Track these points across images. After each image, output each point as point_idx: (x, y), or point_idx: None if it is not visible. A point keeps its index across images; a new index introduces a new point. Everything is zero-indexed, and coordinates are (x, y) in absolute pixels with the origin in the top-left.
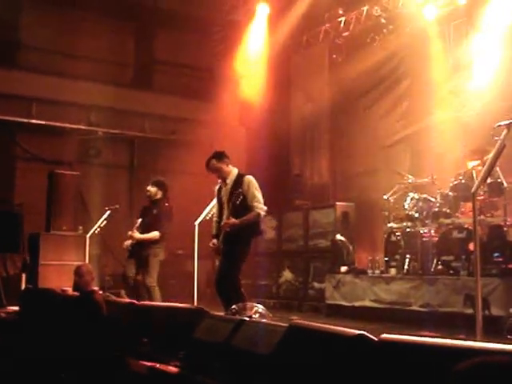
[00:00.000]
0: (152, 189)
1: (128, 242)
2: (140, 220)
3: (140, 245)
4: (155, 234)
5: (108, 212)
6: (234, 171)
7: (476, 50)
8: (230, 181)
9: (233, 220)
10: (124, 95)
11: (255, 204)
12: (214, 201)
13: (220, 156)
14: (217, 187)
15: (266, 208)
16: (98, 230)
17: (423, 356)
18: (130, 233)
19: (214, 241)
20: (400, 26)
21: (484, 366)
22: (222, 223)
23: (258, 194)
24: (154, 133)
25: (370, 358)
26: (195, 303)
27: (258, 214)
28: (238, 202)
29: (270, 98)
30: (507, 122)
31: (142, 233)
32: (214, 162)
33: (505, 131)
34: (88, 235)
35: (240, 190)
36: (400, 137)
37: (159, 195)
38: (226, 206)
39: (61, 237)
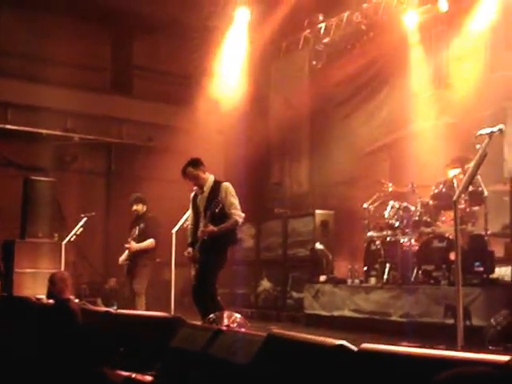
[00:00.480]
0: (138, 207)
1: (124, 257)
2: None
3: (133, 255)
4: (151, 242)
5: (84, 219)
6: (210, 178)
7: (456, 58)
8: (206, 188)
9: (211, 227)
10: (101, 101)
11: (233, 211)
12: (189, 209)
13: (196, 163)
14: (192, 194)
15: (243, 215)
16: (74, 237)
17: (403, 366)
18: (126, 245)
19: (190, 249)
20: (380, 33)
21: (463, 376)
22: (200, 231)
23: (236, 201)
24: (132, 139)
25: (350, 368)
26: (172, 312)
27: (236, 222)
28: (214, 210)
29: (248, 105)
30: (488, 130)
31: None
32: (190, 169)
33: (486, 140)
34: (64, 242)
35: (218, 198)
36: (380, 145)
37: (144, 209)
38: (203, 213)
39: (36, 244)
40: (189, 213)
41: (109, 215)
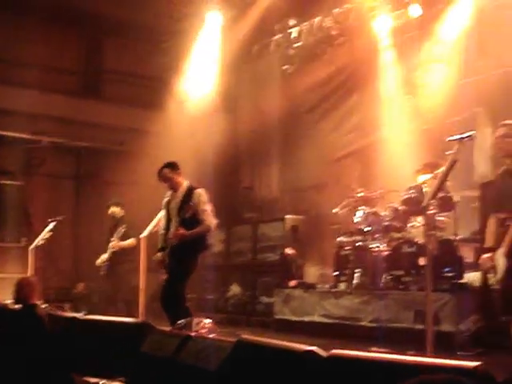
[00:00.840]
0: (116, 209)
1: (101, 259)
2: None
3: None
4: (132, 241)
5: (52, 224)
6: (185, 183)
7: (428, 63)
8: (180, 193)
9: (182, 231)
10: (71, 104)
11: (205, 218)
12: (161, 213)
13: (173, 166)
14: (166, 199)
15: (216, 222)
16: (42, 241)
17: (372, 372)
18: (111, 244)
19: (159, 254)
20: (351, 38)
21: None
22: (170, 234)
23: (208, 208)
24: (102, 143)
25: (320, 374)
26: (142, 318)
27: (208, 228)
28: (186, 216)
29: (220, 109)
30: (458, 136)
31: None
32: (166, 171)
33: (456, 146)
34: (31, 247)
35: (190, 204)
36: (350, 150)
37: (121, 213)
38: (175, 218)
39: (3, 248)
40: (158, 218)
41: (78, 219)
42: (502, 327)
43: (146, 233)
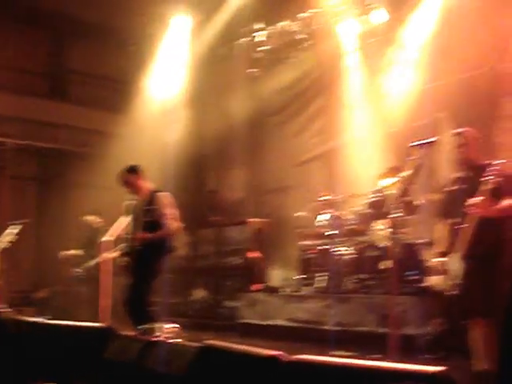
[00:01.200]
0: (91, 218)
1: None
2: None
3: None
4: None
5: (14, 227)
6: (147, 187)
7: (391, 68)
8: (143, 197)
9: (144, 234)
10: (36, 105)
11: (168, 221)
12: (123, 217)
13: (134, 170)
14: (130, 202)
15: (178, 226)
16: (6, 245)
17: (334, 377)
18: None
19: (124, 258)
20: (317, 42)
21: None
22: (131, 238)
23: (172, 212)
24: (66, 145)
25: (284, 378)
26: (107, 322)
27: (170, 231)
28: (149, 219)
29: (185, 112)
30: (420, 142)
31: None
32: (126, 175)
33: (421, 151)
34: None
35: (153, 207)
36: (315, 154)
37: (101, 223)
38: (139, 222)
39: None
40: (120, 221)
41: (41, 222)
42: (463, 331)
43: (107, 237)
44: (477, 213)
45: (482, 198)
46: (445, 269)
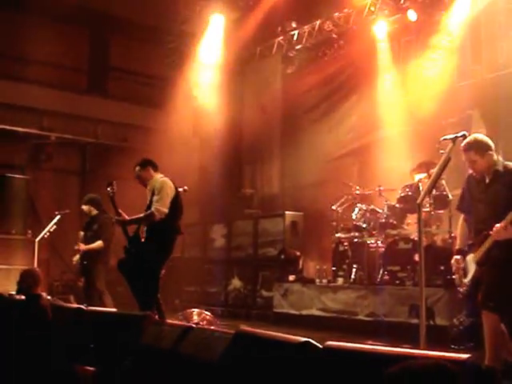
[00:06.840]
0: (85, 207)
1: (76, 258)
2: (82, 233)
3: (84, 255)
4: (99, 244)
5: (58, 217)
6: (155, 177)
7: (424, 67)
8: (149, 188)
9: (123, 216)
10: (77, 101)
11: (154, 205)
12: None
13: (144, 164)
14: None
15: (164, 211)
16: (48, 234)
17: (365, 363)
18: (76, 247)
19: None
20: (351, 41)
21: (410, 367)
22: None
23: (161, 197)
24: (107, 139)
25: (315, 364)
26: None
27: (152, 214)
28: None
29: (223, 108)
30: (452, 136)
31: (86, 245)
32: (137, 168)
33: (450, 145)
34: (37, 239)
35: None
36: (348, 150)
37: (94, 212)
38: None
39: (9, 240)
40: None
41: (82, 214)
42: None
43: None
44: (499, 238)
45: (504, 225)
46: (461, 266)
